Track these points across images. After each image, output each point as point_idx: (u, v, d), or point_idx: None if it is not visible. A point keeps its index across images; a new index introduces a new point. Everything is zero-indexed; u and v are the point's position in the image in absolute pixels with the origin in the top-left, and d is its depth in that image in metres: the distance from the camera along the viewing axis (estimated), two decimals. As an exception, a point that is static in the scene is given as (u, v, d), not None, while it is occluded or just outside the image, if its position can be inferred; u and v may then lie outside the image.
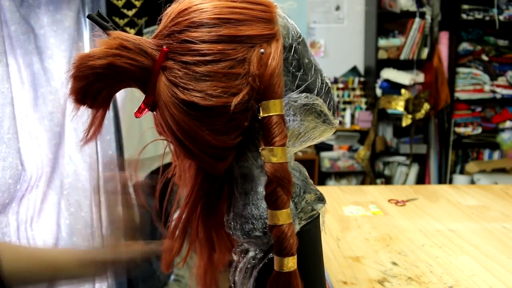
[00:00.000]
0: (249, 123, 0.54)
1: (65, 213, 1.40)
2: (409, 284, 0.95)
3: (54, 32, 1.34)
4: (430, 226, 1.28)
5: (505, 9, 3.19)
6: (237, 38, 0.51)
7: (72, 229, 1.41)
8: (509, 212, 1.40)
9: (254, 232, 0.57)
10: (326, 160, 3.48)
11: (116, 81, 0.52)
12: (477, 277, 0.97)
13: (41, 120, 1.24)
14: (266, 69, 0.51)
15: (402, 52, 3.31)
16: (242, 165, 0.60)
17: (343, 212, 1.42)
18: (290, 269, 0.52)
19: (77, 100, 0.52)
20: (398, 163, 3.46)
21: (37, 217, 1.24)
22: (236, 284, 0.61)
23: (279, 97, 0.52)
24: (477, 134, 3.37)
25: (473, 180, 3.26)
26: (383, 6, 3.30)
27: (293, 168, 0.63)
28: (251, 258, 0.59)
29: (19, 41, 1.16)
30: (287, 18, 0.57)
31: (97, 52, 0.50)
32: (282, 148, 0.51)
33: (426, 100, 3.16)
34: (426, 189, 1.69)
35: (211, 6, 0.52)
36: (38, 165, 1.22)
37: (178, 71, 0.51)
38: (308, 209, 0.60)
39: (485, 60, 3.28)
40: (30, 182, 1.18)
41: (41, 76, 1.24)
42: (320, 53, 3.60)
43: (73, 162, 1.43)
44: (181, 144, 0.56)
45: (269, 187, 0.51)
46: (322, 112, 0.59)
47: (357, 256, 1.09)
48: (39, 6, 1.28)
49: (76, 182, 1.43)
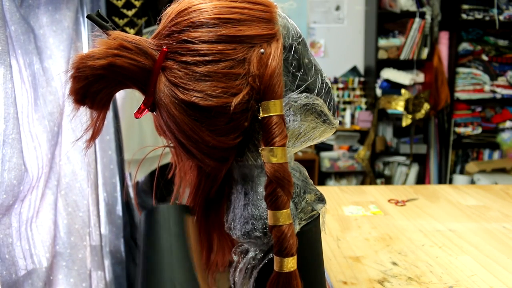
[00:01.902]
0: (249, 123, 0.54)
1: (63, 213, 1.40)
2: (409, 284, 0.95)
3: (53, 32, 1.34)
4: (430, 226, 1.28)
5: (505, 9, 3.19)
6: (237, 38, 0.51)
7: (70, 229, 1.41)
8: (509, 212, 1.40)
9: (254, 232, 0.57)
10: (326, 160, 3.48)
11: (116, 82, 0.52)
12: (477, 277, 0.97)
13: (41, 120, 1.24)
14: (266, 69, 0.51)
15: (402, 52, 3.31)
16: (242, 165, 0.60)
17: (343, 212, 1.42)
18: (290, 269, 0.52)
19: (76, 100, 0.52)
20: (398, 163, 3.46)
21: (35, 217, 1.24)
22: (236, 284, 0.61)
23: (279, 97, 0.52)
24: (477, 134, 3.37)
25: (473, 180, 3.25)
26: (383, 6, 3.31)
27: (293, 168, 0.63)
28: (251, 258, 0.59)
29: (19, 41, 1.16)
30: (287, 18, 0.57)
31: (96, 52, 0.50)
32: (282, 148, 0.51)
33: (426, 100, 3.16)
34: (426, 189, 1.69)
35: (211, 6, 0.51)
36: (39, 165, 1.22)
37: (178, 71, 0.51)
38: (308, 209, 0.60)
39: (485, 60, 3.28)
40: (31, 183, 1.18)
41: (41, 76, 1.24)
42: (320, 53, 3.60)
43: (71, 162, 1.43)
44: (181, 144, 0.56)
45: (269, 188, 0.51)
46: (322, 112, 0.59)
47: (357, 256, 1.09)
48: (39, 6, 1.28)
49: (73, 182, 1.43)
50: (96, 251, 1.56)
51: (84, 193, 1.47)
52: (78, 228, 1.43)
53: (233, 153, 0.57)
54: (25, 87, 1.18)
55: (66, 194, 1.41)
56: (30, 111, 1.20)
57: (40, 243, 1.26)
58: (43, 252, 1.26)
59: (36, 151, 1.22)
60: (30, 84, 1.20)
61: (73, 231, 1.42)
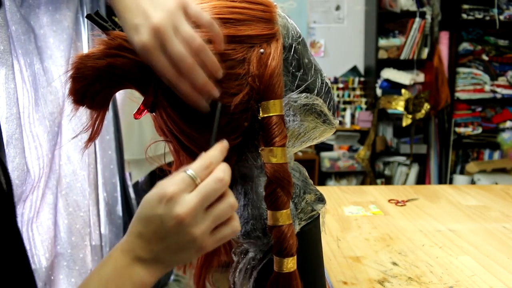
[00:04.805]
0: (249, 123, 0.54)
1: (63, 213, 1.40)
2: (409, 284, 0.95)
3: (53, 32, 1.34)
4: (430, 226, 1.28)
5: (505, 9, 3.18)
6: (236, 38, 0.51)
7: (71, 229, 1.41)
8: (510, 212, 1.40)
9: (254, 232, 0.57)
10: (326, 160, 3.48)
11: (115, 82, 0.52)
12: (477, 277, 0.97)
13: (42, 120, 1.24)
14: (265, 69, 0.51)
15: (402, 52, 3.30)
16: (242, 165, 0.60)
17: (343, 212, 1.42)
18: (290, 269, 0.52)
19: (76, 100, 0.52)
20: (398, 163, 3.46)
21: (36, 218, 1.24)
22: (236, 284, 0.61)
23: (279, 97, 0.52)
24: (477, 134, 3.36)
25: (473, 180, 3.25)
26: (383, 6, 3.30)
27: (293, 169, 0.63)
28: (250, 258, 0.59)
29: (19, 41, 1.16)
30: (287, 18, 0.57)
31: (96, 52, 0.50)
32: (282, 148, 0.51)
33: (426, 100, 3.16)
34: (426, 189, 1.69)
35: (211, 6, 0.51)
36: (40, 165, 1.22)
37: (177, 71, 0.51)
38: (308, 209, 0.60)
39: (486, 60, 3.28)
40: (33, 183, 1.18)
41: (41, 76, 1.24)
42: (320, 53, 3.60)
43: (72, 162, 1.43)
44: (181, 145, 0.56)
45: (269, 188, 0.51)
46: (322, 112, 0.59)
47: (357, 256, 1.09)
48: (39, 6, 1.28)
49: (74, 182, 1.43)
50: (96, 251, 1.57)
51: (85, 193, 1.47)
52: (79, 228, 1.43)
53: (234, 153, 0.56)
54: (26, 87, 1.18)
55: (67, 194, 1.41)
56: (31, 111, 1.20)
57: (40, 243, 1.26)
58: (43, 252, 1.26)
59: (37, 151, 1.22)
60: (31, 84, 1.20)
61: (74, 231, 1.42)
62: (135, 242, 0.44)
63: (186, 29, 0.45)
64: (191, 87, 0.47)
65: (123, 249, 0.44)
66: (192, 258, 0.45)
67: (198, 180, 0.43)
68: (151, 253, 0.43)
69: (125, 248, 0.44)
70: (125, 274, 0.43)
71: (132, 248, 0.44)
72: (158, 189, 0.43)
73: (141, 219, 0.44)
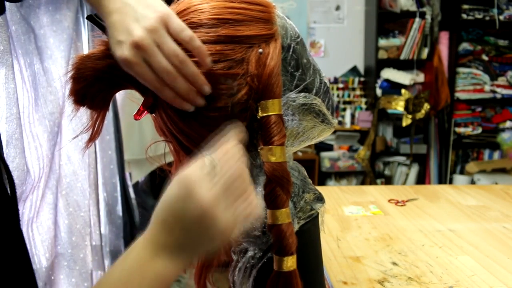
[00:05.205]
0: (248, 123, 0.54)
1: (64, 213, 1.40)
2: (409, 284, 0.95)
3: (53, 32, 1.34)
4: (430, 226, 1.28)
5: (505, 9, 3.19)
6: (235, 38, 0.51)
7: (71, 229, 1.41)
8: (510, 212, 1.40)
9: (253, 231, 0.57)
10: (326, 160, 3.48)
11: (116, 83, 0.52)
12: (477, 277, 0.97)
13: (42, 120, 1.24)
14: (264, 69, 0.51)
15: (402, 52, 3.31)
16: (241, 165, 0.60)
17: (343, 212, 1.42)
18: (289, 268, 0.52)
19: (76, 101, 0.52)
20: (398, 163, 3.46)
21: (36, 218, 1.24)
22: (235, 284, 0.61)
23: (278, 96, 0.52)
24: (477, 134, 3.36)
25: (473, 180, 3.25)
26: (383, 6, 3.30)
27: (291, 168, 0.63)
28: (250, 257, 0.59)
29: (19, 41, 1.16)
30: (285, 18, 0.58)
31: (96, 53, 0.50)
32: (281, 147, 0.51)
33: (426, 100, 3.16)
34: (426, 189, 1.69)
35: (210, 7, 0.52)
36: (40, 165, 1.22)
37: (177, 71, 0.51)
38: (307, 208, 0.60)
39: (485, 60, 3.28)
40: (33, 183, 1.18)
41: (41, 76, 1.24)
42: (320, 53, 3.60)
43: (72, 162, 1.43)
44: (181, 145, 0.56)
45: (268, 187, 0.51)
46: (320, 112, 0.59)
47: (357, 256, 1.09)
48: (39, 6, 1.28)
49: (75, 182, 1.43)
50: (97, 251, 1.57)
51: (85, 193, 1.47)
52: (79, 228, 1.43)
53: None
54: (25, 87, 1.19)
55: (67, 194, 1.41)
56: (31, 111, 1.21)
57: (40, 243, 1.26)
58: (44, 252, 1.26)
59: (37, 151, 1.22)
60: (31, 84, 1.20)
61: (74, 231, 1.42)
62: (159, 229, 0.44)
63: (168, 45, 0.47)
64: (174, 95, 0.49)
65: (146, 240, 0.44)
66: (215, 246, 0.45)
67: (218, 166, 0.44)
68: (175, 241, 0.43)
69: (148, 238, 0.44)
70: (148, 266, 0.43)
71: (156, 236, 0.44)
72: (180, 177, 0.44)
73: (164, 208, 0.44)
